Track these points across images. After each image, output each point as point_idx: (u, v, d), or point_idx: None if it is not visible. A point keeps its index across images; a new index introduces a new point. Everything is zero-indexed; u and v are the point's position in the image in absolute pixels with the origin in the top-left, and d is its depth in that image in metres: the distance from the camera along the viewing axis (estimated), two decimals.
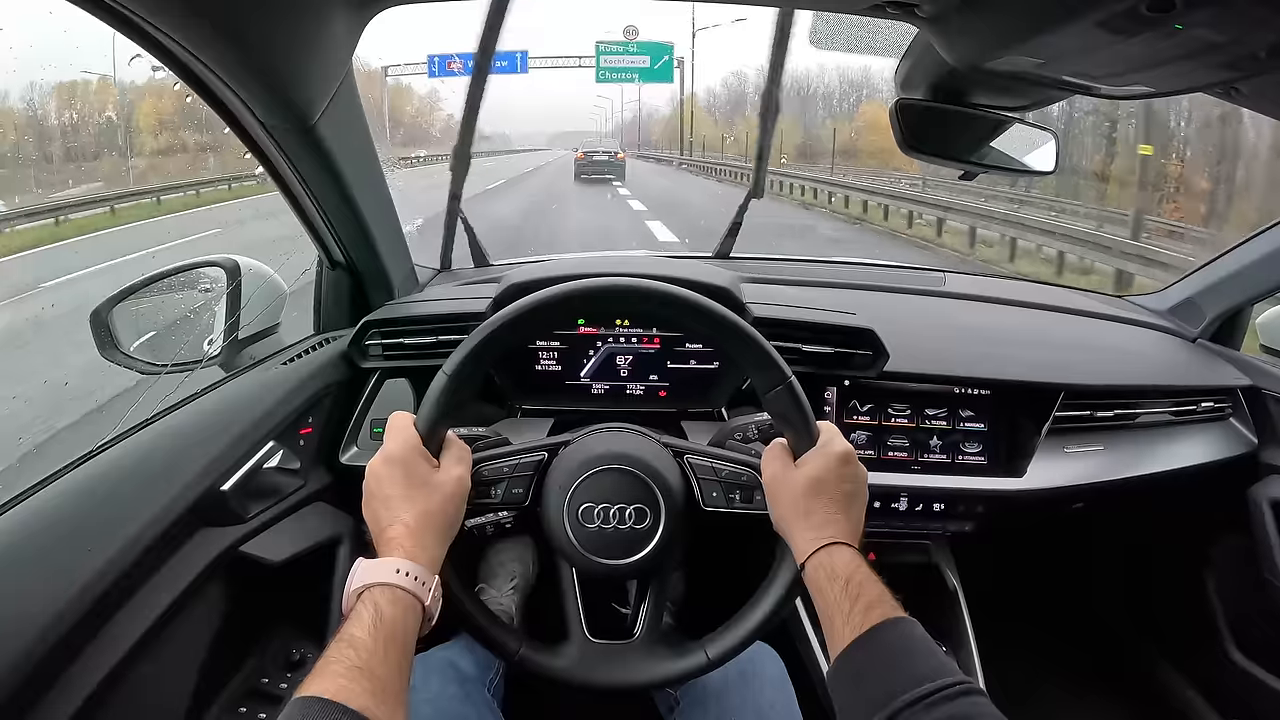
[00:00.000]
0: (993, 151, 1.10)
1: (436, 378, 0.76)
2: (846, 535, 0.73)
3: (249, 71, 0.85)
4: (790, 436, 0.79)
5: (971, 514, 1.25)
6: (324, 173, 1.06)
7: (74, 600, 0.71)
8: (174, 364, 1.15)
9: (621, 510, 0.80)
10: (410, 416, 0.76)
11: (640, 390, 1.25)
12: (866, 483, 0.78)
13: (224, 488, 0.92)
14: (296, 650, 1.04)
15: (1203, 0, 0.62)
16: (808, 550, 0.73)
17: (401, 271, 1.36)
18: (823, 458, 0.76)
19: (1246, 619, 1.41)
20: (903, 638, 0.66)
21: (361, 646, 0.59)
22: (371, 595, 0.64)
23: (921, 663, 0.63)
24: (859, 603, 0.67)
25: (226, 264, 1.18)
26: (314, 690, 0.55)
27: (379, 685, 0.57)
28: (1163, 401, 1.32)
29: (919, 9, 0.83)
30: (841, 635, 0.67)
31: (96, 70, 8.11)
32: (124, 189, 7.95)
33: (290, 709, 0.54)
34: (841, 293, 1.45)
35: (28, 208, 5.90)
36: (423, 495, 0.72)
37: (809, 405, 0.78)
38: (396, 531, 0.69)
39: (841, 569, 0.70)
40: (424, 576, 0.67)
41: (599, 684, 0.82)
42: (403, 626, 0.63)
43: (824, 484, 0.75)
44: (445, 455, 0.76)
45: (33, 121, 7.26)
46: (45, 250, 5.65)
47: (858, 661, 0.65)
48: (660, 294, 0.80)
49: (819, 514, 0.74)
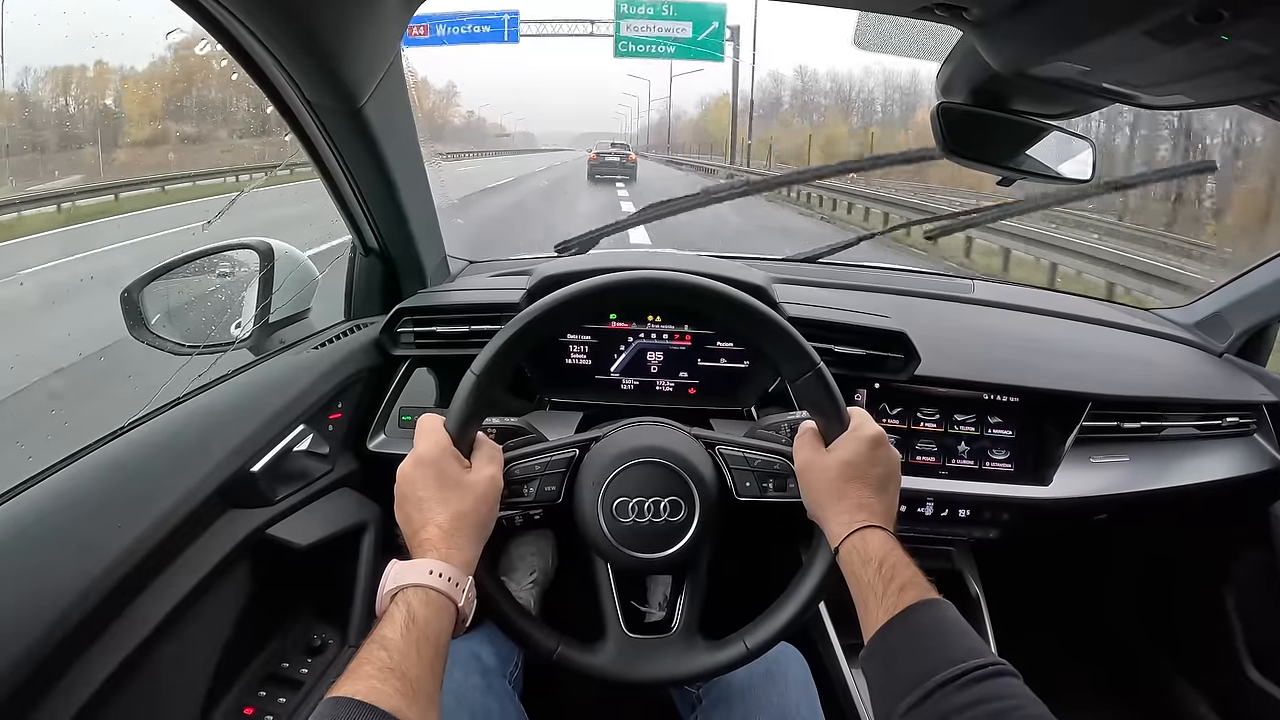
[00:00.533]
0: (1030, 159, 1.09)
1: (465, 377, 0.76)
2: (880, 518, 0.73)
3: (299, 47, 0.85)
4: (821, 423, 0.79)
5: (997, 521, 1.24)
6: (367, 157, 1.06)
7: (101, 576, 0.71)
8: (204, 345, 1.15)
9: (656, 504, 0.80)
10: (439, 418, 0.76)
11: (670, 387, 1.25)
12: (899, 467, 0.78)
13: (254, 469, 0.92)
14: (318, 635, 1.04)
15: (1251, 12, 0.62)
16: (841, 534, 0.73)
17: (434, 260, 1.36)
18: (855, 441, 0.76)
19: (1265, 637, 1.40)
20: (936, 619, 0.66)
21: (394, 648, 0.59)
22: (405, 596, 0.64)
23: (955, 643, 0.63)
24: (892, 584, 0.67)
25: (260, 246, 1.18)
26: (346, 691, 0.55)
27: (410, 686, 0.57)
28: (1188, 415, 1.32)
29: (967, 12, 0.83)
30: (875, 616, 0.67)
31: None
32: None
33: (321, 709, 0.55)
34: (872, 296, 1.45)
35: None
36: (455, 496, 0.72)
37: (838, 391, 0.78)
38: (430, 533, 0.69)
39: (875, 551, 0.70)
40: (458, 578, 0.67)
41: (638, 679, 0.81)
42: (435, 628, 0.63)
43: (856, 467, 0.75)
44: (477, 455, 0.76)
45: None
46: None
47: (892, 641, 0.66)
48: (691, 286, 0.80)
49: (852, 498, 0.74)
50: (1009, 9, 0.80)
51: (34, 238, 4.96)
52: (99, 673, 0.70)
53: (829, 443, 0.78)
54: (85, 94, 6.61)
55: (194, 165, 8.14)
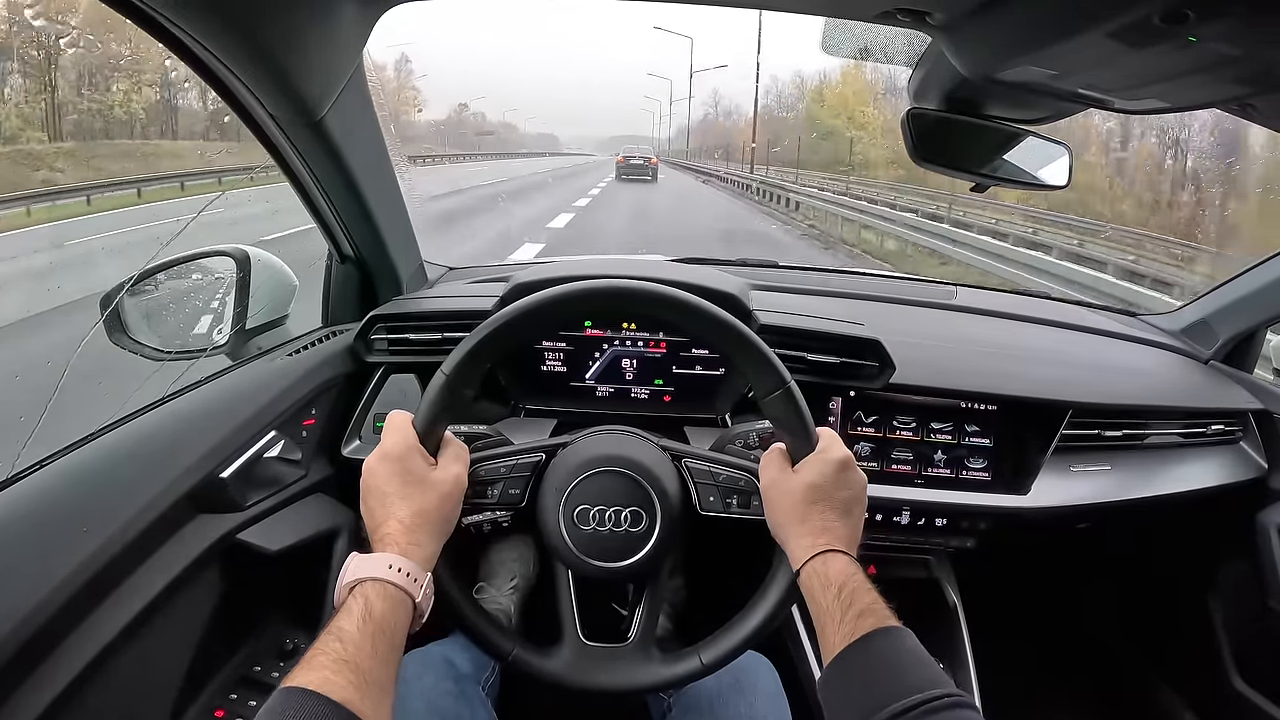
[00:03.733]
0: (1005, 164, 1.09)
1: (435, 377, 0.77)
2: (843, 542, 0.73)
3: (256, 64, 0.85)
4: (789, 442, 0.78)
5: (974, 530, 1.23)
6: (332, 167, 1.07)
7: (66, 581, 0.71)
8: (180, 351, 1.16)
9: (617, 513, 0.80)
10: (408, 415, 0.77)
11: (645, 394, 1.25)
12: (865, 490, 0.78)
13: (223, 475, 0.92)
14: (290, 640, 1.04)
15: (1217, 13, 0.61)
16: (803, 557, 0.72)
17: (410, 267, 1.36)
18: (821, 464, 0.76)
19: (1250, 646, 1.39)
20: (894, 647, 0.65)
21: (349, 640, 0.59)
22: (363, 589, 0.64)
23: (912, 673, 0.63)
24: (851, 610, 0.67)
25: (236, 254, 1.19)
26: (299, 681, 0.55)
27: (364, 678, 0.57)
28: (1172, 423, 1.31)
29: (930, 16, 0.83)
30: (833, 643, 0.67)
31: None
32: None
33: (274, 699, 0.55)
34: (851, 303, 1.45)
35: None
36: (419, 492, 0.72)
37: (808, 411, 0.78)
38: (391, 528, 0.70)
39: (835, 576, 0.70)
40: (416, 573, 0.67)
41: (591, 686, 0.81)
42: (392, 622, 0.63)
43: (821, 490, 0.74)
44: (443, 454, 0.77)
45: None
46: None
47: (848, 669, 0.65)
48: (660, 297, 0.80)
49: (815, 520, 0.74)
50: (971, 12, 0.80)
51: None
52: (63, 676, 0.70)
53: (795, 463, 0.77)
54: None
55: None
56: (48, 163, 8.04)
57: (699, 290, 0.83)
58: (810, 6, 0.89)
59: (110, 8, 0.71)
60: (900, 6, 0.81)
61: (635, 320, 1.22)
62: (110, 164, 9.74)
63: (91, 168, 8.44)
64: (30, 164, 7.83)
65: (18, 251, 6.14)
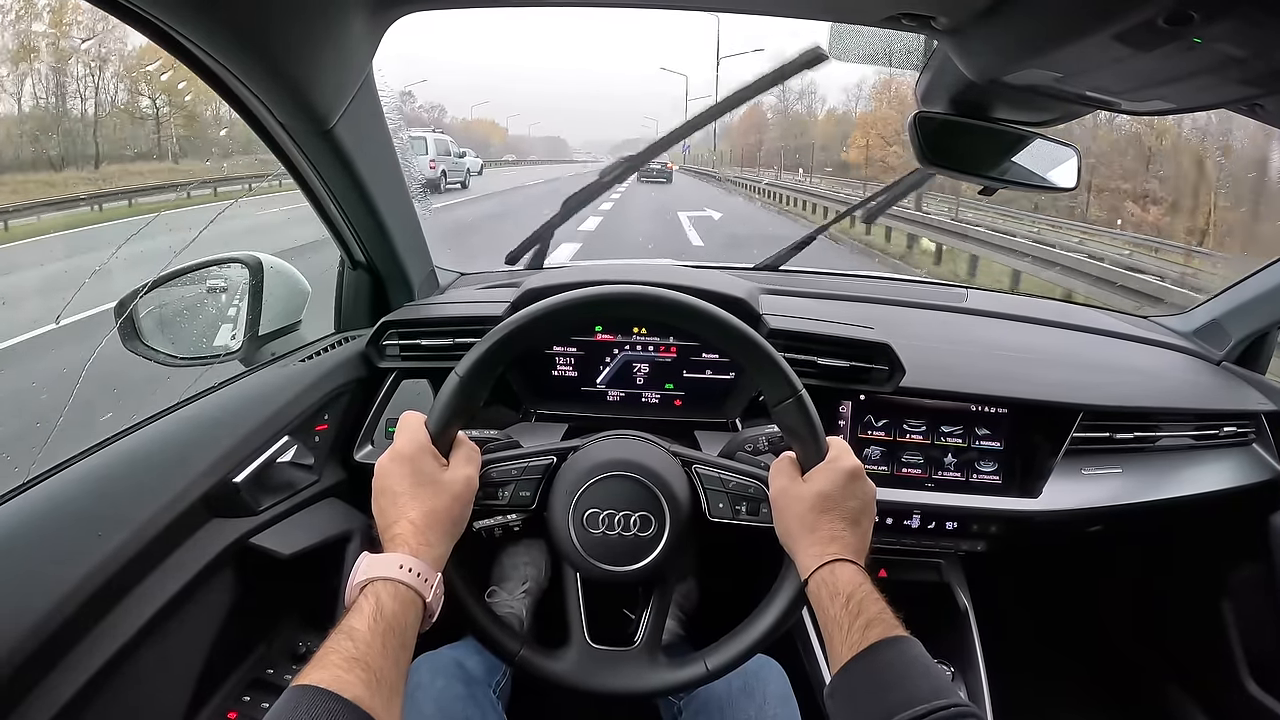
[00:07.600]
0: (1013, 167, 1.09)
1: (449, 378, 0.77)
2: (851, 552, 0.73)
3: (267, 74, 0.86)
4: (799, 450, 0.78)
5: (985, 534, 1.23)
6: (343, 174, 1.08)
7: (81, 584, 0.72)
8: (194, 357, 1.17)
9: (626, 517, 0.80)
10: (421, 416, 0.77)
11: (655, 398, 1.25)
12: (874, 500, 0.77)
13: (236, 479, 0.93)
14: (303, 643, 1.05)
15: (1221, 14, 0.61)
16: (811, 566, 0.72)
17: (422, 273, 1.38)
18: (831, 473, 0.76)
19: (1263, 649, 1.38)
20: (900, 656, 0.65)
21: (359, 638, 0.60)
22: (374, 589, 0.65)
23: (918, 683, 0.62)
24: (859, 620, 0.67)
25: (249, 261, 1.20)
26: (310, 680, 0.56)
27: (374, 677, 0.58)
28: (1184, 425, 1.30)
29: (935, 21, 0.83)
30: (840, 652, 0.67)
31: None
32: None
33: (285, 697, 0.55)
34: (862, 307, 1.45)
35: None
36: (430, 493, 0.72)
37: (819, 420, 0.78)
38: (402, 528, 0.70)
39: (844, 586, 0.70)
40: (427, 573, 0.67)
41: (595, 689, 0.81)
42: (402, 621, 0.64)
43: (831, 500, 0.74)
44: (455, 455, 0.77)
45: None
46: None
47: (854, 679, 0.65)
48: (672, 303, 0.80)
49: (824, 530, 0.74)
50: (977, 16, 0.80)
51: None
52: (78, 678, 0.71)
53: (805, 471, 0.77)
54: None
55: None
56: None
57: (709, 295, 0.83)
58: (816, 11, 0.89)
59: (126, 23, 0.72)
60: (906, 11, 0.81)
61: (647, 325, 1.22)
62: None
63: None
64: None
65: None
